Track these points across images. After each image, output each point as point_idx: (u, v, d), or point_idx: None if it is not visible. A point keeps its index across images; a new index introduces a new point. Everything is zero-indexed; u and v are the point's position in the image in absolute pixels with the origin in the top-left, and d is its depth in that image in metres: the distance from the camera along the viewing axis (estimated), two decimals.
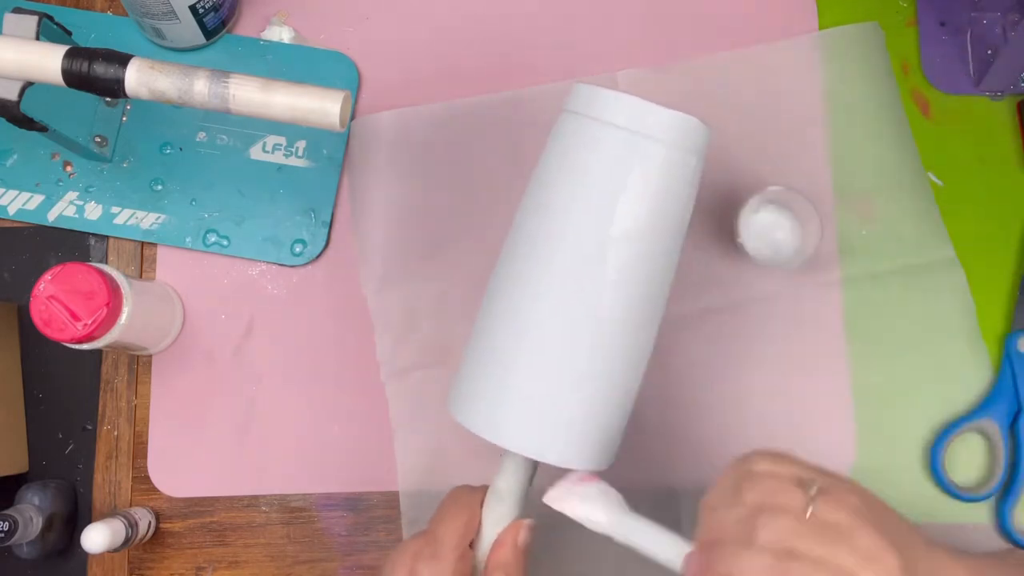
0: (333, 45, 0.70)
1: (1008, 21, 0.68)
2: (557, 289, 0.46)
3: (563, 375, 0.46)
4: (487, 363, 0.48)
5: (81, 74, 0.53)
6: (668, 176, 0.47)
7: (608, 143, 0.46)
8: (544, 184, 0.48)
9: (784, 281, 0.65)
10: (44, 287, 0.57)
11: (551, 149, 0.49)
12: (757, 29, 0.69)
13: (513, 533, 0.47)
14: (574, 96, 0.49)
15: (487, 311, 0.49)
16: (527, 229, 0.48)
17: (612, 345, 0.47)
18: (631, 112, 0.46)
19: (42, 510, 0.63)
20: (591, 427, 0.47)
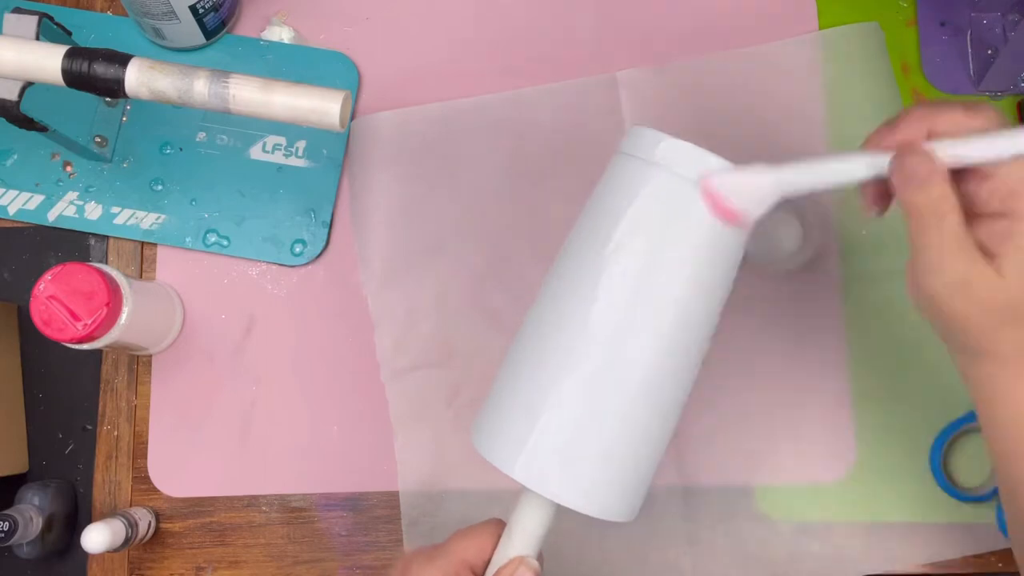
0: (333, 45, 0.70)
1: (1008, 21, 0.68)
2: (599, 335, 0.45)
3: (597, 423, 0.45)
4: (518, 400, 0.46)
5: (81, 74, 0.53)
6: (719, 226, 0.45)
7: (660, 186, 0.44)
8: (592, 225, 0.46)
9: (784, 281, 0.65)
10: (44, 287, 0.57)
11: (601, 190, 0.47)
12: (757, 29, 0.69)
13: (511, 569, 0.45)
14: (631, 138, 0.46)
15: (523, 346, 0.47)
16: (571, 270, 0.46)
17: (648, 399, 0.45)
18: (687, 158, 0.44)
19: (42, 510, 0.63)
20: (619, 477, 0.45)
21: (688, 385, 0.48)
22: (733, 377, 0.64)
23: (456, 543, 0.47)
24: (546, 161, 0.67)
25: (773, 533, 0.63)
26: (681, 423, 0.63)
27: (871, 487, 0.63)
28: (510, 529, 0.46)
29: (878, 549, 0.62)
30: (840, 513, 0.63)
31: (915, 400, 0.64)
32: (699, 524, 0.63)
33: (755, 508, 0.63)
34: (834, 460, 0.63)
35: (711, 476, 0.64)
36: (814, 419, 0.64)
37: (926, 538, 0.62)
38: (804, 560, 0.62)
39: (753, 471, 0.64)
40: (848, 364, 0.64)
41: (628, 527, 0.63)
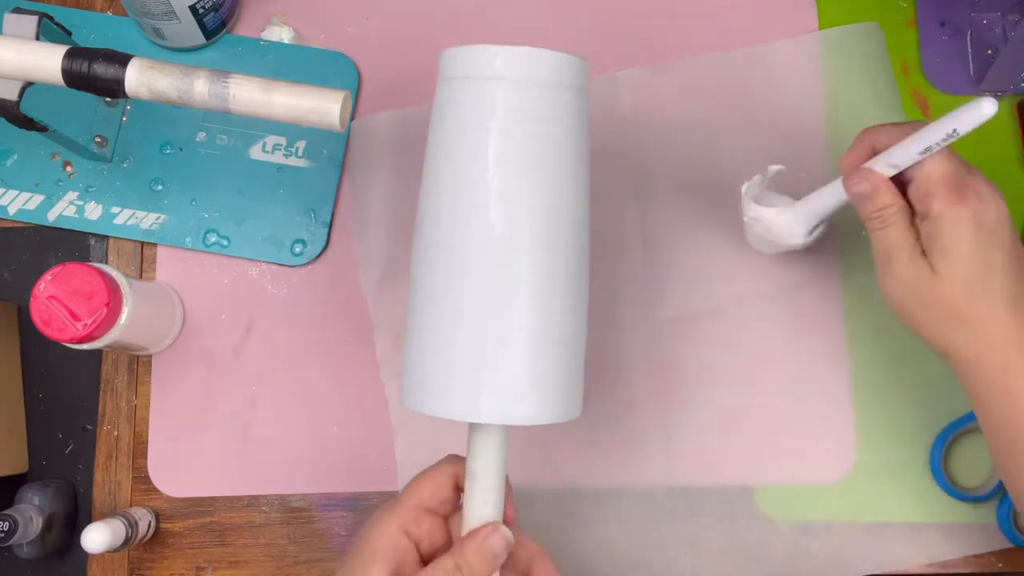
0: (333, 45, 0.70)
1: (1008, 21, 0.68)
2: (462, 251, 0.46)
3: (498, 332, 0.45)
4: (424, 343, 0.47)
5: (81, 74, 0.53)
6: (538, 112, 0.46)
7: (466, 96, 0.47)
8: (427, 158, 0.49)
9: (784, 281, 0.65)
10: (44, 287, 0.57)
11: (431, 122, 0.49)
12: (757, 29, 0.69)
13: (484, 534, 0.45)
14: (442, 62, 0.49)
15: (412, 299, 0.48)
16: (425, 208, 0.48)
17: (537, 286, 0.46)
18: (482, 61, 0.46)
19: (42, 510, 0.63)
20: (546, 378, 0.46)
21: (579, 268, 0.48)
22: (733, 377, 0.64)
23: (410, 491, 0.48)
24: None
25: (773, 533, 0.63)
26: (681, 423, 0.64)
27: (871, 487, 0.63)
28: (471, 474, 0.46)
29: (878, 549, 0.62)
30: (840, 513, 0.63)
31: (915, 400, 0.64)
32: (699, 524, 0.63)
33: (755, 508, 0.63)
34: (834, 460, 0.63)
35: (711, 476, 0.64)
36: (814, 419, 0.64)
37: (926, 538, 0.62)
38: (804, 560, 0.62)
39: (753, 471, 0.64)
40: (848, 364, 0.64)
41: (629, 527, 0.63)
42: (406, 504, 0.47)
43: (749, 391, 0.64)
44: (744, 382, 0.64)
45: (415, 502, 0.47)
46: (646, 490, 0.64)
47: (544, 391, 0.46)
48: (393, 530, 0.46)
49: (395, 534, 0.46)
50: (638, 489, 0.64)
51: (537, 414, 0.45)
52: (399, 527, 0.46)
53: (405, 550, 0.46)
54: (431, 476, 0.48)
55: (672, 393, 0.65)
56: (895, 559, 0.62)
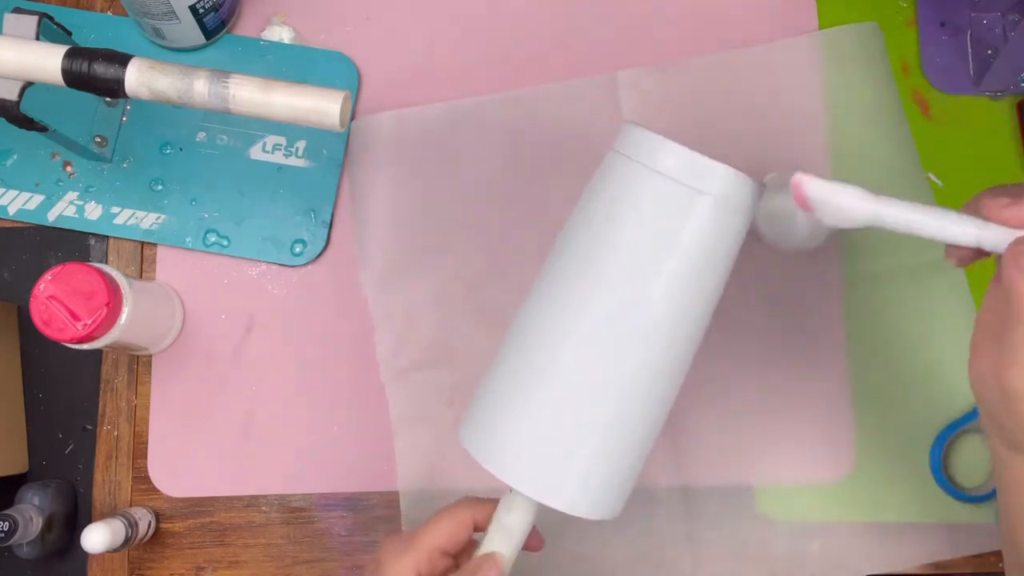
0: (333, 45, 0.70)
1: (1008, 21, 0.68)
2: (587, 335, 0.45)
3: (582, 423, 0.45)
4: (506, 399, 0.46)
5: (81, 74, 0.53)
6: (715, 233, 0.45)
7: (658, 193, 0.45)
8: (586, 226, 0.47)
9: (784, 281, 0.65)
10: (44, 287, 0.57)
11: (596, 190, 0.47)
12: (757, 29, 0.69)
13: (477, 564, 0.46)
14: (625, 138, 0.47)
15: (512, 344, 0.47)
16: (562, 270, 0.47)
17: (635, 398, 0.46)
18: (686, 164, 0.44)
19: (42, 510, 0.63)
20: (604, 477, 0.46)
21: (676, 388, 0.48)
22: (733, 377, 0.64)
23: (426, 532, 0.47)
24: (546, 161, 0.67)
25: (773, 533, 0.63)
26: (681, 423, 0.64)
27: (871, 487, 0.63)
28: (494, 525, 0.47)
29: (878, 549, 0.62)
30: (840, 513, 0.63)
31: (915, 400, 0.64)
32: (699, 524, 0.63)
33: (755, 508, 0.63)
34: (834, 460, 0.63)
35: (711, 476, 0.64)
36: (814, 419, 0.64)
37: (926, 538, 0.62)
38: (804, 560, 0.62)
39: (753, 471, 0.64)
40: (848, 364, 0.64)
41: (628, 527, 0.63)
42: (423, 546, 0.47)
43: (749, 391, 0.64)
44: (744, 382, 0.64)
45: (432, 545, 0.47)
46: (646, 490, 0.64)
47: (601, 492, 0.46)
48: (408, 571, 0.46)
49: (409, 574, 0.46)
50: (638, 489, 0.63)
51: (589, 510, 0.46)
52: (414, 568, 0.46)
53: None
54: (449, 519, 0.48)
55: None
56: (895, 559, 0.62)
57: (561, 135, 0.67)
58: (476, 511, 0.48)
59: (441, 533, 0.47)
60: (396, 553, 0.47)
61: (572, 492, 0.45)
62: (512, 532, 0.46)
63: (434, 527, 0.48)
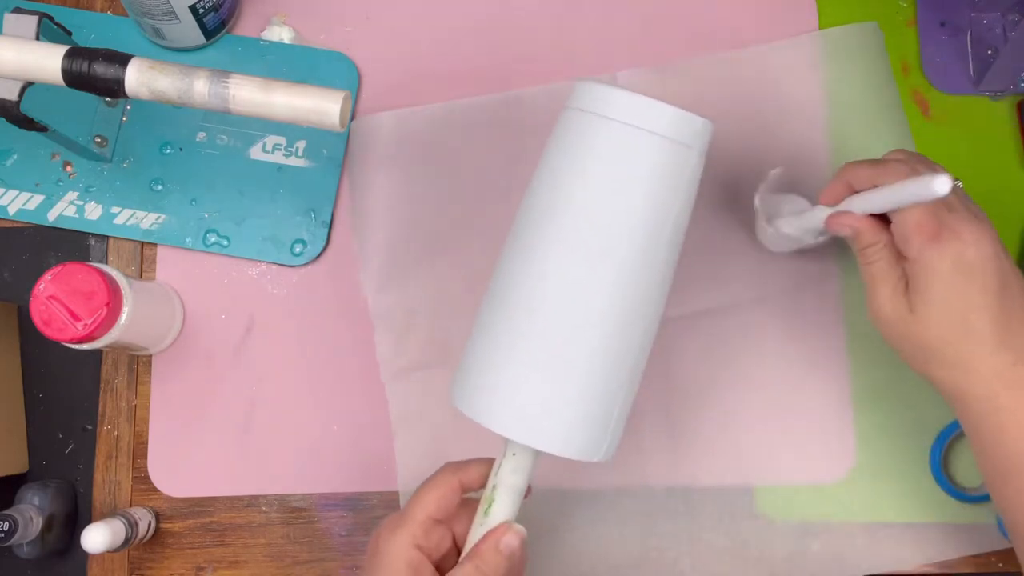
0: (333, 45, 0.70)
1: (1008, 21, 0.68)
2: (561, 280, 0.47)
3: (566, 366, 0.47)
4: (492, 356, 0.48)
5: (81, 74, 0.53)
6: (670, 171, 0.47)
7: (612, 137, 0.47)
8: (547, 180, 0.49)
9: (784, 282, 0.65)
10: (44, 287, 0.57)
11: (554, 145, 0.50)
12: (757, 29, 0.69)
13: (498, 535, 0.46)
14: (577, 93, 0.49)
15: (490, 305, 0.50)
16: (529, 224, 0.49)
17: (615, 336, 0.47)
18: (635, 108, 0.47)
19: (42, 510, 0.63)
20: (594, 418, 0.48)
21: (654, 325, 0.49)
22: (733, 378, 0.64)
23: (417, 504, 0.48)
24: None
25: (773, 533, 0.63)
26: (681, 423, 0.64)
27: (871, 487, 0.63)
28: (504, 483, 0.48)
29: (878, 549, 0.62)
30: (840, 513, 0.63)
31: (915, 400, 0.64)
32: (699, 524, 0.63)
33: (755, 508, 0.63)
34: (834, 460, 0.63)
35: (711, 476, 0.64)
36: (814, 419, 0.64)
37: (926, 538, 0.62)
38: (804, 560, 0.62)
39: (753, 471, 0.64)
40: (848, 364, 0.64)
41: (628, 527, 0.63)
42: (415, 518, 0.48)
43: (749, 391, 0.64)
44: (744, 382, 0.64)
45: (424, 515, 0.48)
46: (646, 490, 0.64)
47: (596, 433, 0.48)
48: (406, 546, 0.47)
49: (408, 549, 0.47)
50: (638, 489, 0.64)
51: (583, 452, 0.47)
52: (411, 542, 0.47)
53: (420, 563, 0.47)
54: (436, 487, 0.49)
55: (672, 393, 0.64)
56: (895, 559, 0.62)
57: None
58: (461, 474, 0.49)
59: (431, 502, 0.48)
60: (391, 530, 0.48)
61: (565, 435, 0.47)
62: (517, 487, 0.48)
63: (423, 498, 0.48)
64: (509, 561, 0.46)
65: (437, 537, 0.48)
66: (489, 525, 0.47)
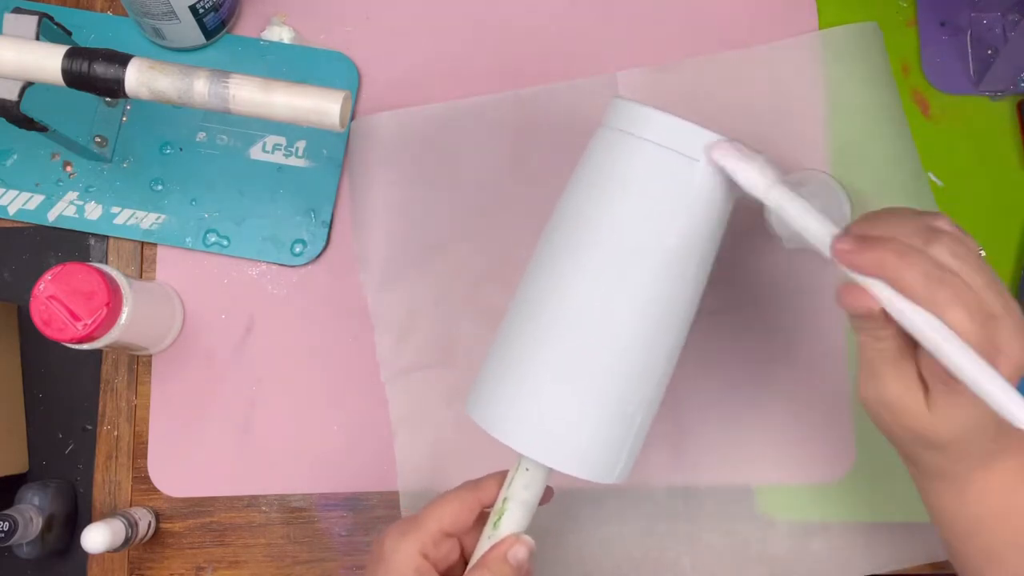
0: (333, 45, 0.70)
1: (1008, 21, 0.68)
2: (588, 301, 0.46)
3: (587, 386, 0.46)
4: (512, 371, 0.47)
5: (81, 74, 0.53)
6: (706, 197, 0.46)
7: (649, 161, 0.46)
8: (579, 198, 0.48)
9: (784, 282, 0.65)
10: (44, 287, 0.57)
11: (588, 163, 0.49)
12: (757, 29, 0.69)
13: (507, 546, 0.46)
14: (615, 112, 0.48)
15: (515, 319, 0.49)
16: (557, 241, 0.48)
17: (638, 362, 0.47)
18: (678, 133, 0.46)
19: (42, 510, 0.63)
20: (612, 439, 0.47)
21: (676, 349, 0.49)
22: (733, 377, 0.64)
23: (431, 513, 0.48)
24: (546, 161, 0.67)
25: (773, 533, 0.63)
26: (681, 423, 0.64)
27: (871, 487, 0.63)
28: (515, 497, 0.47)
29: (878, 549, 0.62)
30: (840, 513, 0.63)
31: None
32: (699, 524, 0.63)
33: (755, 508, 0.63)
34: (834, 460, 0.63)
35: (711, 476, 0.64)
36: (814, 419, 0.64)
37: (926, 538, 0.62)
38: (804, 560, 0.62)
39: (753, 471, 0.64)
40: (848, 364, 0.64)
41: (629, 527, 0.63)
42: (427, 528, 0.47)
43: (749, 391, 0.64)
44: (744, 382, 0.64)
45: (436, 527, 0.48)
46: (646, 490, 0.64)
47: (609, 454, 0.47)
48: (413, 553, 0.47)
49: (415, 557, 0.47)
50: (638, 489, 0.64)
51: (598, 473, 0.47)
52: (419, 550, 0.47)
53: (427, 572, 0.47)
54: (453, 502, 0.48)
55: (673, 393, 0.64)
56: (895, 559, 0.62)
57: (561, 135, 0.67)
58: (479, 493, 0.49)
59: (446, 516, 0.48)
60: (400, 535, 0.47)
61: (581, 455, 0.46)
62: (524, 503, 0.47)
63: (439, 509, 0.48)
64: (517, 572, 0.46)
65: (446, 549, 0.48)
66: (497, 538, 0.47)
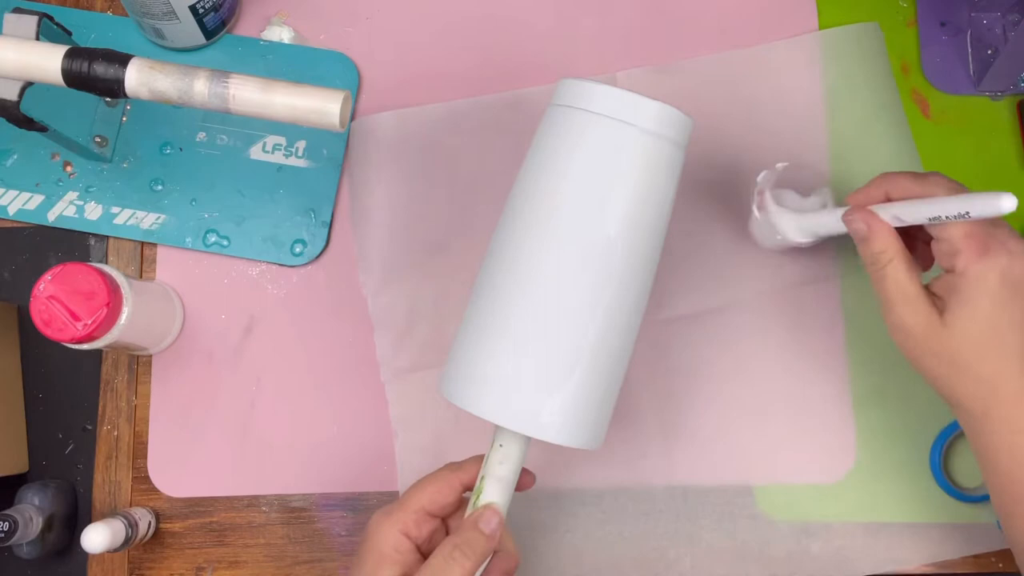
0: (333, 45, 0.70)
1: (1008, 21, 0.68)
2: (550, 268, 0.48)
3: (554, 353, 0.48)
4: (480, 346, 0.49)
5: (81, 74, 0.53)
6: (654, 164, 0.49)
7: (596, 131, 0.49)
8: (533, 174, 0.51)
9: (784, 281, 0.65)
10: (44, 287, 0.57)
11: (539, 140, 0.51)
12: (757, 29, 0.69)
13: (478, 515, 0.48)
14: (561, 90, 0.51)
15: (479, 295, 0.51)
16: (516, 217, 0.50)
17: (600, 326, 0.49)
18: (618, 103, 0.49)
19: (42, 510, 0.63)
20: (582, 404, 0.49)
21: (639, 313, 0.51)
22: (733, 377, 0.64)
23: (412, 494, 0.50)
24: None
25: (773, 533, 0.63)
26: (681, 423, 0.64)
27: (871, 487, 0.63)
28: (492, 473, 0.49)
29: (878, 549, 0.62)
30: (840, 513, 0.63)
31: (915, 400, 0.64)
32: (699, 524, 0.63)
33: (755, 508, 0.63)
34: (834, 460, 0.63)
35: (711, 476, 0.64)
36: (814, 419, 0.64)
37: (926, 538, 0.62)
38: (804, 560, 0.62)
39: (753, 471, 0.64)
40: (848, 364, 0.64)
41: (629, 527, 0.63)
42: (407, 508, 0.49)
43: (749, 391, 0.64)
44: (744, 382, 0.64)
45: (417, 506, 0.49)
46: (646, 490, 0.64)
47: (583, 419, 0.49)
48: (394, 532, 0.48)
49: (396, 536, 0.48)
50: (638, 489, 0.64)
51: (572, 438, 0.48)
52: (400, 529, 0.48)
53: (408, 551, 0.48)
54: (434, 482, 0.50)
55: (672, 393, 0.65)
56: (895, 559, 0.62)
57: None
58: (461, 474, 0.50)
59: (425, 495, 0.49)
60: (384, 515, 0.49)
61: (552, 421, 0.48)
62: (501, 479, 0.49)
63: (418, 489, 0.50)
64: (487, 539, 0.47)
65: (429, 529, 0.50)
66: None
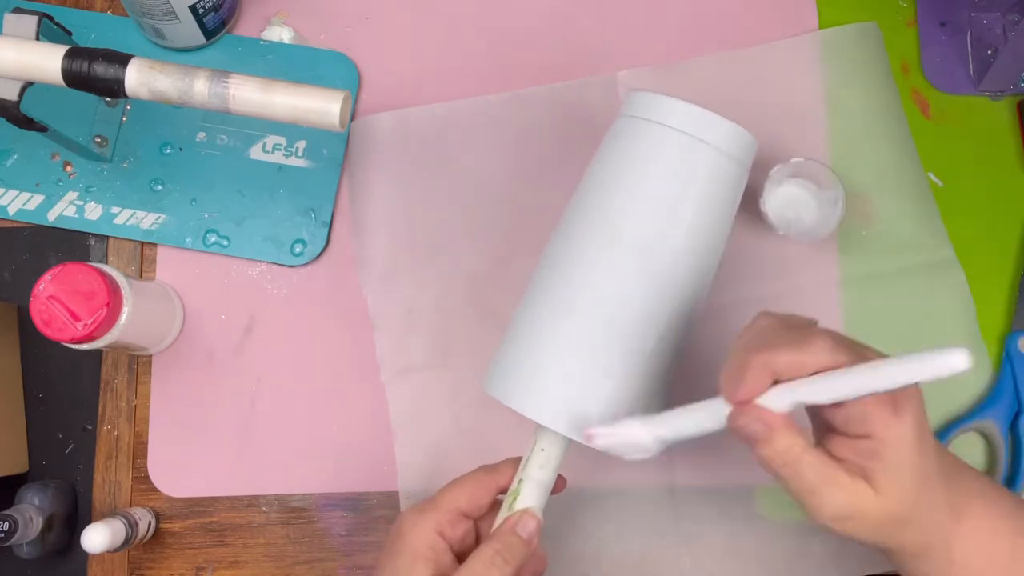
0: (333, 45, 0.70)
1: (1008, 21, 0.68)
2: (610, 276, 0.49)
3: (607, 360, 0.49)
4: (532, 347, 0.50)
5: (81, 74, 0.53)
6: (722, 182, 0.51)
7: (672, 145, 0.50)
8: (598, 181, 0.52)
9: (783, 282, 0.65)
10: (44, 287, 0.57)
11: (610, 148, 0.52)
12: (757, 29, 0.69)
13: (516, 519, 0.48)
14: (635, 101, 0.52)
15: (535, 300, 0.52)
16: (579, 222, 0.51)
17: (654, 338, 0.49)
18: (695, 119, 0.51)
19: (42, 510, 0.63)
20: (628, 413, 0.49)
21: (691, 322, 0.52)
22: None
23: (447, 494, 0.49)
24: (546, 161, 0.67)
25: (773, 533, 0.63)
26: None
27: None
28: (531, 476, 0.49)
29: None
30: None
31: None
32: (699, 524, 0.63)
33: (755, 508, 0.63)
34: None
35: (711, 476, 0.64)
36: None
37: None
38: (804, 560, 0.62)
39: (753, 471, 0.63)
40: None
41: (628, 528, 0.63)
42: (443, 508, 0.49)
43: None
44: None
45: (453, 507, 0.49)
46: (646, 490, 0.64)
47: None
48: (430, 531, 0.48)
49: (431, 534, 0.48)
50: (638, 489, 0.64)
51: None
52: (435, 528, 0.48)
53: (443, 551, 0.48)
54: (470, 484, 0.50)
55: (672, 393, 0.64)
56: None
57: (561, 135, 0.67)
58: (497, 476, 0.50)
59: (462, 496, 0.49)
60: (418, 513, 0.49)
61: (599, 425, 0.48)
62: (539, 483, 0.49)
63: (456, 489, 0.50)
64: (526, 545, 0.47)
65: (462, 531, 0.50)
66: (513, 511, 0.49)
